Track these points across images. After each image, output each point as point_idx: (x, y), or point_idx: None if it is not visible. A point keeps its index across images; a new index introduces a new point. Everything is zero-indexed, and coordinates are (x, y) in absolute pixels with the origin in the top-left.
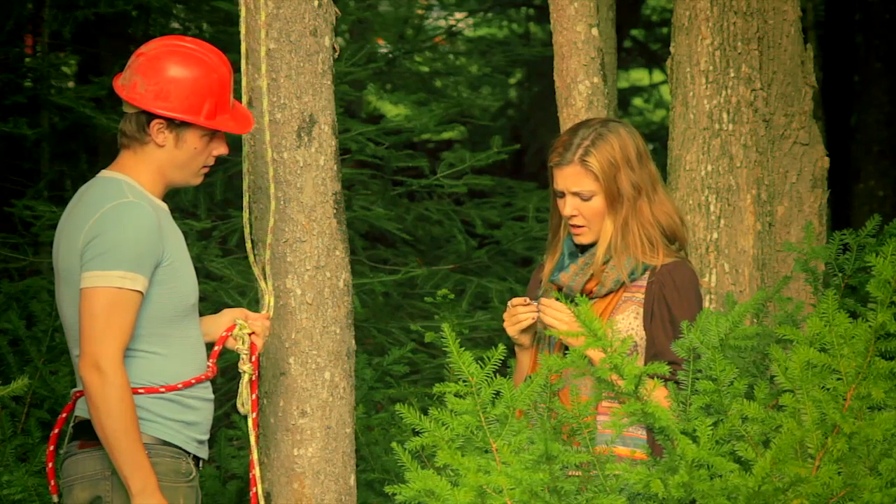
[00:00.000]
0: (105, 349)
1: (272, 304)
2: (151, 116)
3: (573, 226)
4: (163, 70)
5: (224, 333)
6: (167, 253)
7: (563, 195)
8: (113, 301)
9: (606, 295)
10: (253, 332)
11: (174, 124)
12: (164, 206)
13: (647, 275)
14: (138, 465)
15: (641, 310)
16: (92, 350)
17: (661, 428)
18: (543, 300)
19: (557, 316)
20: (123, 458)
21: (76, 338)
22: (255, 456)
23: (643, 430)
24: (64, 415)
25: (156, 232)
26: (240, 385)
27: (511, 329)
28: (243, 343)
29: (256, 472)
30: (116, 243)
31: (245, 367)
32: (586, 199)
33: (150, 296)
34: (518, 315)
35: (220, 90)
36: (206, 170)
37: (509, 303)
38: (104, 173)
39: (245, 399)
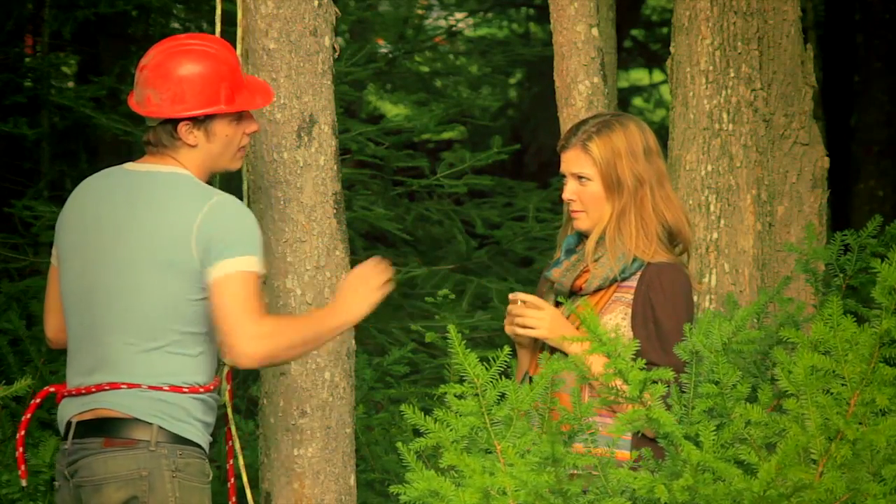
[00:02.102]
0: (262, 321)
1: None
2: (177, 121)
3: (572, 210)
4: (169, 74)
5: None
6: None
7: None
8: (257, 284)
9: (596, 292)
10: None
11: (200, 121)
12: None
13: (637, 274)
14: (330, 322)
15: (630, 310)
16: (251, 328)
17: (666, 433)
18: (512, 308)
19: (536, 322)
20: (330, 333)
21: (139, 326)
22: (232, 427)
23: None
24: (38, 400)
25: None
26: None
27: (507, 329)
28: None
29: (235, 443)
30: (246, 231)
31: None
32: (584, 183)
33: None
34: (510, 316)
35: (230, 73)
36: (242, 152)
37: (509, 296)
38: (161, 167)
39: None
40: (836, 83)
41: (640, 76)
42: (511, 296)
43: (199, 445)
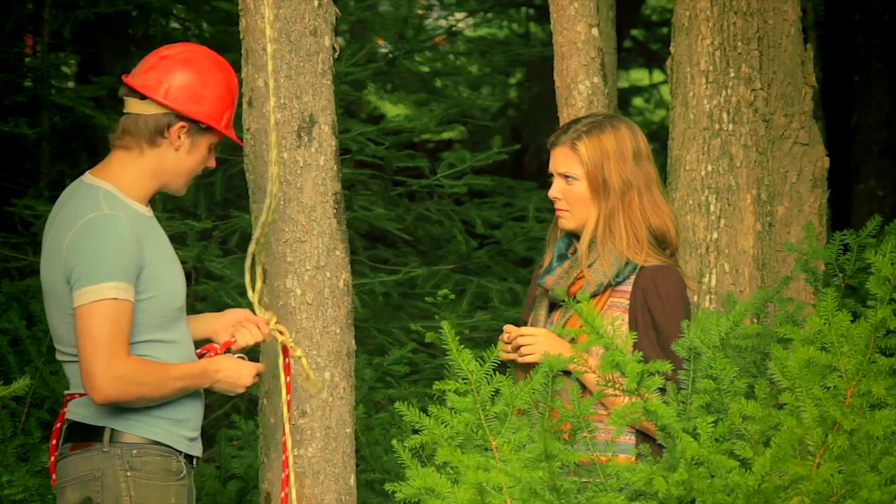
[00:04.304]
0: (117, 361)
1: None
2: (177, 119)
3: (557, 209)
4: (199, 73)
5: (231, 339)
6: (146, 261)
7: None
8: (113, 313)
9: (592, 298)
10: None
11: (195, 130)
12: (146, 211)
13: (632, 278)
14: (192, 376)
15: (627, 316)
16: (104, 365)
17: (664, 426)
18: (504, 336)
19: (531, 348)
20: (190, 386)
21: (68, 343)
22: (287, 429)
23: (632, 435)
24: (64, 410)
25: (134, 242)
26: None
27: (504, 356)
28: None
29: (288, 443)
30: (101, 257)
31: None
32: (571, 182)
33: (135, 304)
34: (504, 344)
35: (234, 101)
36: (191, 180)
37: (504, 328)
38: (87, 179)
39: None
40: (836, 83)
41: (640, 76)
42: (505, 328)
43: (161, 444)
